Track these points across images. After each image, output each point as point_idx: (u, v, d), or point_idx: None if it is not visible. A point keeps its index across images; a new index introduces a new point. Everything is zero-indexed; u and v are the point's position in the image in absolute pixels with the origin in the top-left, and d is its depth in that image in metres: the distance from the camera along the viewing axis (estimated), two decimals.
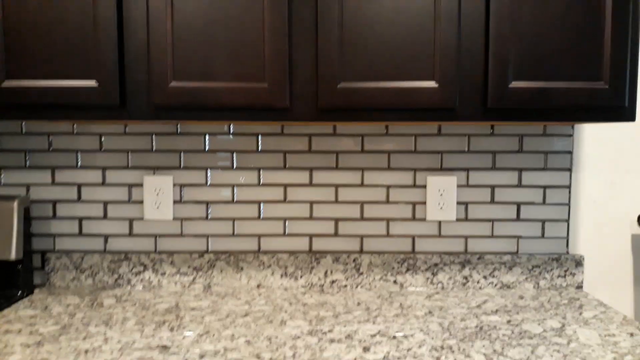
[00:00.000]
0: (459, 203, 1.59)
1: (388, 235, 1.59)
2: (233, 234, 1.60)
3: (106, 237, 1.60)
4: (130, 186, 1.59)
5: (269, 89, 1.24)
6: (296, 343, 1.17)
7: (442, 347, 1.14)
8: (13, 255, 1.46)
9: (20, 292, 1.49)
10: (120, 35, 1.24)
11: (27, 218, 1.52)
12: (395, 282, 1.57)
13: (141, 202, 1.59)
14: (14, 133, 1.58)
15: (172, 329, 1.25)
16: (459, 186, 1.59)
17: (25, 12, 1.22)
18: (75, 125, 1.58)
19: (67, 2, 1.22)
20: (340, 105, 1.25)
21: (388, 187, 1.59)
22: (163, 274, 1.58)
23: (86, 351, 1.12)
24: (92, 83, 1.24)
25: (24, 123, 1.57)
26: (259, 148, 1.58)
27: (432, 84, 1.24)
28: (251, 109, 1.27)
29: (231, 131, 1.58)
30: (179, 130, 1.58)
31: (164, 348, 1.14)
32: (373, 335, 1.21)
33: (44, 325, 1.27)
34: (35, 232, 1.60)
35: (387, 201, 1.59)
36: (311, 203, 1.59)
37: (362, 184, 1.59)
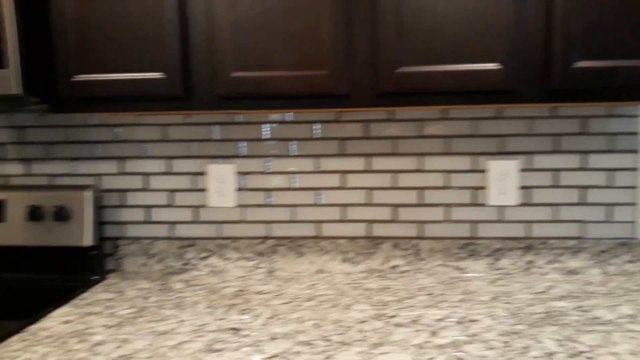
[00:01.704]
0: (521, 187, 1.56)
1: (448, 220, 1.59)
2: (293, 220, 1.63)
3: (172, 224, 1.66)
4: (194, 175, 1.64)
5: (329, 76, 1.26)
6: (363, 327, 1.19)
7: (511, 333, 1.14)
8: (87, 242, 1.55)
9: (95, 276, 1.57)
10: (184, 28, 1.28)
11: (98, 207, 1.60)
12: (456, 267, 1.57)
13: (205, 190, 1.64)
14: (84, 125, 1.65)
15: (241, 312, 1.30)
16: (520, 170, 1.56)
17: (96, 9, 1.27)
18: (140, 117, 1.64)
19: None
20: (399, 90, 1.25)
21: (447, 172, 1.58)
22: (228, 259, 1.63)
23: (163, 333, 1.18)
24: (158, 75, 1.28)
25: (94, 116, 1.65)
26: (317, 135, 1.60)
27: (494, 65, 1.22)
28: (311, 97, 1.28)
29: (289, 119, 1.60)
30: (239, 120, 1.61)
31: (236, 330, 1.18)
32: (439, 320, 1.22)
33: (120, 308, 1.34)
34: (106, 220, 1.67)
35: (446, 186, 1.58)
36: (369, 189, 1.60)
37: (420, 170, 1.58)
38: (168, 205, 1.66)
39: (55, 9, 1.27)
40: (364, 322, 1.22)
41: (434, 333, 1.14)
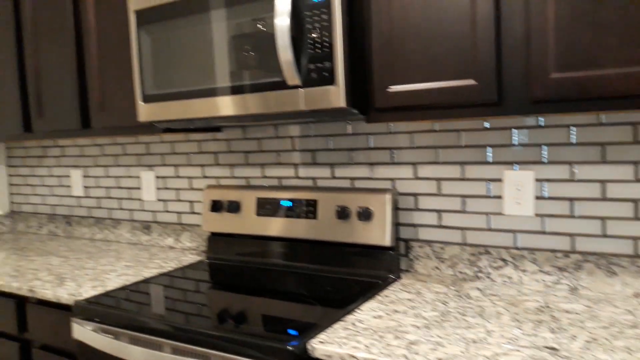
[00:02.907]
0: None
1: None
2: (603, 235, 1.46)
3: (464, 230, 1.65)
4: (489, 181, 1.60)
5: None
6: None
7: None
8: (386, 242, 1.64)
9: (392, 275, 1.66)
10: (498, 32, 1.25)
11: (396, 209, 1.69)
12: None
13: (500, 197, 1.59)
14: (382, 133, 1.76)
15: (552, 331, 1.21)
16: None
17: (410, 21, 1.33)
18: (431, 124, 1.68)
19: (446, 4, 1.28)
20: None
21: None
22: (524, 271, 1.55)
23: (473, 341, 1.17)
24: (470, 82, 1.27)
25: (390, 124, 1.75)
26: (639, 138, 1.40)
27: None
28: None
29: (603, 121, 1.44)
30: (540, 123, 1.52)
31: (553, 350, 1.11)
32: None
33: (423, 309, 1.39)
34: (400, 222, 1.76)
35: None
36: None
37: None
38: (460, 211, 1.66)
39: (375, 26, 1.37)
40: None
41: None
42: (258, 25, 1.45)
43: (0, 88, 2.28)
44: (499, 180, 1.59)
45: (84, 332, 1.52)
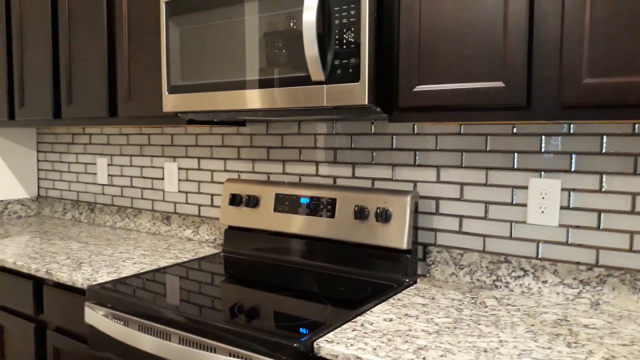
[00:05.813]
0: None
1: None
2: (630, 249, 1.40)
3: (484, 237, 1.61)
4: (514, 188, 1.55)
5: None
6: None
7: None
8: (404, 245, 1.61)
9: (407, 279, 1.63)
10: (530, 34, 1.20)
11: (415, 212, 1.65)
12: None
13: (524, 205, 1.54)
14: (406, 134, 1.73)
15: (569, 345, 1.16)
16: None
17: (440, 20, 1.30)
18: (458, 127, 1.64)
19: (479, 5, 1.25)
20: None
21: None
22: (544, 282, 1.49)
23: (485, 350, 1.13)
24: (498, 84, 1.23)
25: (415, 125, 1.71)
26: None
27: None
28: None
29: (637, 131, 1.38)
30: (571, 131, 1.46)
31: None
32: None
33: (436, 315, 1.35)
34: (419, 225, 1.72)
35: None
36: None
37: None
38: (482, 218, 1.61)
39: (404, 24, 1.34)
40: None
41: None
42: (285, 19, 1.44)
43: (34, 74, 2.33)
44: (524, 187, 1.54)
45: (95, 316, 1.53)
